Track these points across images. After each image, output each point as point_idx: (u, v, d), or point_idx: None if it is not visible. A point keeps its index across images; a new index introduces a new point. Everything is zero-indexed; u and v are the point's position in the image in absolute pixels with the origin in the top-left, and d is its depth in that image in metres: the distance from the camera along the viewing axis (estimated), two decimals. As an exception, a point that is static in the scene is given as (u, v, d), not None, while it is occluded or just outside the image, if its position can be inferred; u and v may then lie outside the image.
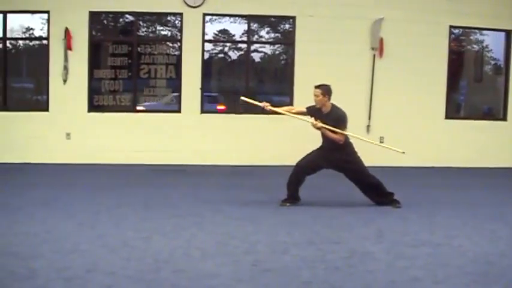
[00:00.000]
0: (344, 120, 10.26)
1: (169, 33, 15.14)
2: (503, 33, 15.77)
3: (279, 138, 14.57)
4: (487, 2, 15.23)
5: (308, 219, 9.26)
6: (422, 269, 7.01)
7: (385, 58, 14.48)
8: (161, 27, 15.22)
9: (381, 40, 14.41)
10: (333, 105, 10.32)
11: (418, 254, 7.57)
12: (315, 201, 10.61)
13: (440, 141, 14.93)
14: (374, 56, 14.49)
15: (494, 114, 16.23)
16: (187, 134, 14.57)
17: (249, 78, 15.09)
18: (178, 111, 14.66)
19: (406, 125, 14.65)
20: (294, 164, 12.81)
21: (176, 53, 14.85)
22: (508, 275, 6.90)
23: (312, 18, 14.42)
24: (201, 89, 14.66)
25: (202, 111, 14.70)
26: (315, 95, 10.22)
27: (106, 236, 8.00)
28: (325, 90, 10.21)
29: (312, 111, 10.32)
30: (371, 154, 14.17)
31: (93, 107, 14.56)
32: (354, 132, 14.21)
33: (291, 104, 14.52)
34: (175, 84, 14.73)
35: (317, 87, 10.27)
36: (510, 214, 10.11)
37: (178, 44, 14.75)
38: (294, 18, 14.60)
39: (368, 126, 14.48)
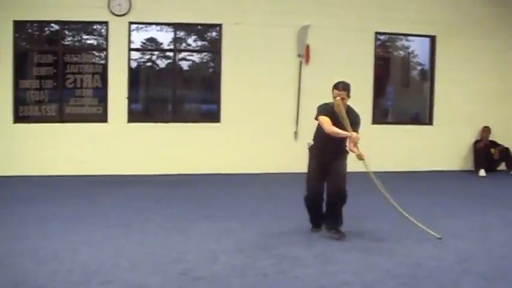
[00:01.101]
0: (360, 123, 8.93)
1: (95, 42, 14.94)
2: (428, 39, 16.00)
3: (210, 147, 14.49)
4: (412, 8, 15.47)
5: (237, 227, 9.25)
6: (352, 273, 7.09)
7: (311, 65, 14.55)
8: (87, 36, 15.02)
9: (307, 47, 14.48)
10: (348, 105, 8.74)
11: (348, 259, 7.65)
12: (244, 209, 10.59)
13: (368, 146, 14.93)
14: (300, 63, 14.55)
15: (421, 118, 16.45)
16: (115, 144, 14.39)
17: (176, 87, 14.99)
18: (105, 121, 14.46)
19: (334, 131, 14.74)
20: (224, 172, 12.89)
21: (102, 62, 14.66)
22: (436, 276, 7.01)
23: (238, 26, 14.40)
24: (128, 98, 14.51)
25: (130, 121, 14.54)
26: (342, 99, 8.46)
27: (35, 248, 7.85)
28: (349, 89, 8.63)
29: (330, 115, 8.70)
30: (298, 161, 14.32)
31: (18, 118, 14.26)
32: (281, 139, 14.40)
33: (218, 112, 14.50)
34: (101, 93, 14.54)
35: (341, 88, 8.52)
36: (438, 216, 10.27)
37: (105, 53, 14.57)
38: (220, 26, 14.55)
39: (295, 133, 14.52)
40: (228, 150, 14.35)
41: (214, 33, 15.02)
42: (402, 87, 17.87)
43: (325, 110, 8.74)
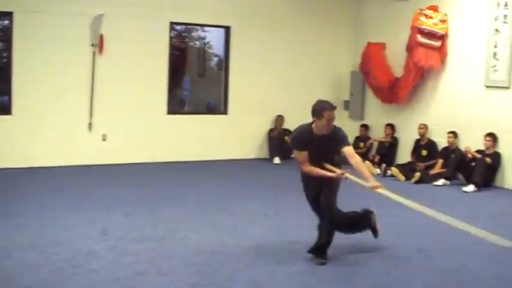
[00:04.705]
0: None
1: None
2: (223, 29, 16.18)
3: (1, 140, 13.91)
4: (208, -2, 15.63)
5: (31, 222, 8.97)
6: (147, 263, 7.14)
7: (105, 55, 14.25)
8: None
9: (101, 36, 14.24)
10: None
11: (143, 249, 7.68)
12: (37, 204, 10.25)
13: (164, 137, 14.99)
14: (94, 52, 14.28)
15: (216, 108, 16.64)
16: None
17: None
18: None
19: (128, 122, 14.57)
20: (17, 166, 12.47)
21: None
22: (231, 262, 7.23)
23: (30, 14, 13.87)
24: None
25: None
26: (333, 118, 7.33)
27: None
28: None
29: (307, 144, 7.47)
30: (92, 152, 14.15)
31: None
32: (75, 130, 14.09)
33: (9, 104, 13.93)
34: None
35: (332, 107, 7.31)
36: (232, 204, 10.48)
37: None
38: (11, 14, 13.95)
39: (90, 124, 14.26)
40: (21, 143, 13.84)
41: (6, 22, 14.42)
42: (199, 77, 18.02)
43: (301, 140, 7.52)
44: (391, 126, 15.49)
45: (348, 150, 7.38)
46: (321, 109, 7.23)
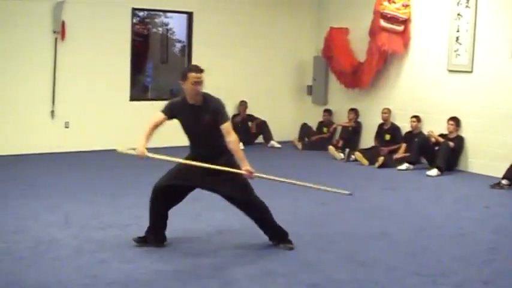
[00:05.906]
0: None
1: None
2: (185, 15, 16.09)
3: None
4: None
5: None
6: (110, 250, 7.14)
7: (68, 41, 14.09)
8: None
9: (63, 23, 14.08)
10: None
11: (106, 237, 7.66)
12: (1, 193, 10.09)
13: (127, 124, 14.82)
14: (56, 39, 14.11)
15: (180, 94, 16.52)
16: None
17: None
18: None
19: (92, 109, 14.43)
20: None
21: None
22: (195, 248, 7.29)
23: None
24: None
25: None
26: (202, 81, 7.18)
27: None
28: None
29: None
30: (55, 140, 14.00)
31: None
32: (37, 118, 13.94)
33: None
34: None
35: (198, 70, 7.15)
36: (196, 190, 10.31)
37: None
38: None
39: (52, 111, 14.09)
40: None
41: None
42: (161, 63, 17.95)
43: (172, 103, 7.59)
44: (354, 111, 15.54)
45: (226, 127, 7.15)
46: (185, 71, 7.07)
